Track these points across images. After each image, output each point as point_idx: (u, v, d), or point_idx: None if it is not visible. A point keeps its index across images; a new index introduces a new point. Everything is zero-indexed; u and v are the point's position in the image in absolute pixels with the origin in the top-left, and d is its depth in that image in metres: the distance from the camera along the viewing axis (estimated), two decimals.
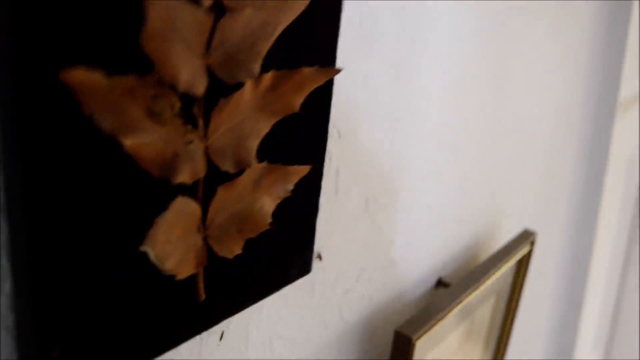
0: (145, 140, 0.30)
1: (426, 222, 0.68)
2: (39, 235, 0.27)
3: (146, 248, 0.30)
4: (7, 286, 0.30)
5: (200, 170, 0.33)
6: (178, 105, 0.31)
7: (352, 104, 0.51)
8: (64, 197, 0.28)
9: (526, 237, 0.83)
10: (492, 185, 0.82)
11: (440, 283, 0.74)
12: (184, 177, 0.32)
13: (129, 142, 0.29)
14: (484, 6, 0.66)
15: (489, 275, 0.73)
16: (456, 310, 0.67)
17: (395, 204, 0.61)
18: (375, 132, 0.55)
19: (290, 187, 0.41)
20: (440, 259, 0.74)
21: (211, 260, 0.36)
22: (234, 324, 0.44)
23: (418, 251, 0.68)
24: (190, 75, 0.30)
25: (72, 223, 0.28)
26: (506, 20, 0.72)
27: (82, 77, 0.26)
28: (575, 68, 0.97)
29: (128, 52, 0.28)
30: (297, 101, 0.38)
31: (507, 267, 0.78)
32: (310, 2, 0.37)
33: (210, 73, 0.32)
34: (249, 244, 0.39)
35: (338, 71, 0.39)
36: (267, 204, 0.39)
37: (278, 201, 0.40)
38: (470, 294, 0.69)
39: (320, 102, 0.41)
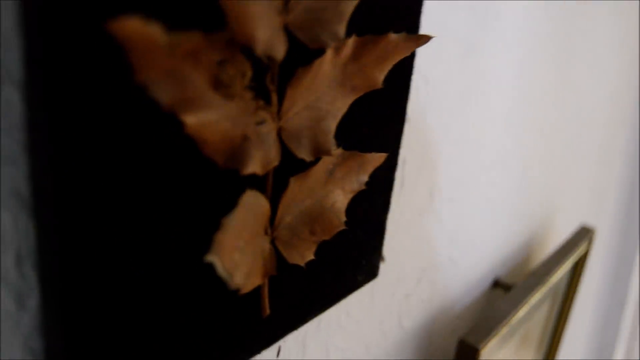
0: (210, 118, 0.23)
1: (487, 217, 0.61)
2: (74, 239, 0.21)
3: (212, 258, 0.24)
4: (33, 302, 0.24)
5: (274, 158, 0.26)
6: (249, 74, 0.24)
7: (422, 82, 0.44)
8: (106, 191, 0.21)
9: (584, 234, 0.76)
10: (550, 176, 0.75)
11: (497, 284, 0.67)
12: (254, 166, 0.25)
13: (191, 119, 0.22)
14: None
15: (550, 277, 0.66)
16: (519, 316, 0.60)
17: (459, 197, 0.54)
18: (444, 116, 0.48)
19: (365, 178, 0.34)
20: (497, 257, 0.67)
21: (280, 269, 0.29)
22: (291, 337, 0.38)
23: (477, 248, 0.61)
24: (269, 34, 0.24)
25: (117, 224, 0.22)
26: (568, 8, 0.65)
27: (137, 29, 0.19)
28: (632, 53, 0.89)
29: (197, 3, 0.21)
30: (381, 75, 0.31)
31: (566, 267, 0.71)
32: None
33: (289, 34, 0.25)
34: (320, 248, 0.32)
35: (429, 39, 0.32)
36: (340, 200, 0.33)
37: (351, 196, 0.34)
38: (532, 297, 0.62)
39: (401, 77, 0.34)
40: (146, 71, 0.20)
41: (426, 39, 0.33)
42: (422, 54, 0.43)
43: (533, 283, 0.63)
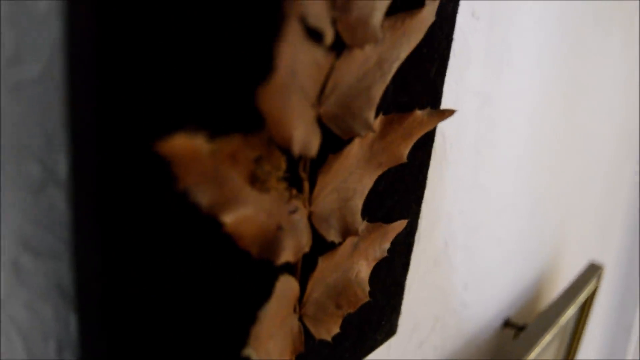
0: (247, 214, 0.24)
1: (498, 259, 0.62)
2: (117, 333, 0.21)
3: (250, 352, 0.24)
4: None
5: (306, 244, 0.27)
6: (284, 167, 0.25)
7: (440, 138, 0.45)
8: (148, 289, 0.21)
9: (593, 271, 0.76)
10: (558, 214, 0.75)
11: (507, 323, 0.68)
12: (288, 255, 0.26)
13: (229, 218, 0.23)
14: (563, 22, 0.59)
15: (560, 317, 0.66)
16: (530, 359, 0.61)
17: (472, 242, 0.55)
18: (459, 168, 0.48)
19: (387, 246, 0.35)
20: (507, 297, 0.68)
21: (307, 345, 0.30)
22: None
23: (488, 290, 0.62)
24: (304, 131, 0.24)
25: (157, 319, 0.22)
26: (583, 34, 0.65)
27: (182, 145, 0.20)
28: (636, 92, 0.90)
29: (236, 108, 0.22)
30: (406, 150, 0.32)
31: (576, 305, 0.71)
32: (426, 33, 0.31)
33: (322, 125, 0.26)
34: (344, 319, 0.32)
35: (452, 113, 0.33)
36: (364, 270, 0.33)
37: (374, 264, 0.34)
38: (543, 339, 0.62)
39: (423, 147, 0.35)
40: (188, 179, 0.21)
41: (450, 113, 0.33)
42: None
43: (544, 324, 0.63)
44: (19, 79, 0.21)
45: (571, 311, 0.70)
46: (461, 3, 0.44)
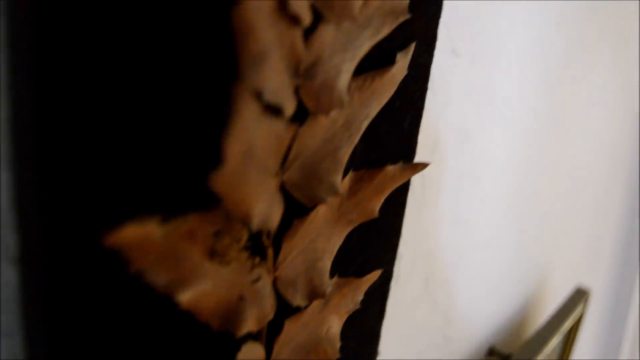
0: (205, 289, 0.23)
1: (482, 291, 0.61)
2: None
3: None
4: None
5: (269, 312, 0.26)
6: (245, 237, 0.24)
7: (418, 181, 0.44)
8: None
9: (580, 296, 0.76)
10: (545, 239, 0.75)
11: (492, 352, 0.67)
12: (250, 325, 0.25)
13: (186, 296, 0.22)
14: (548, 50, 0.59)
15: (545, 345, 0.66)
16: None
17: (455, 277, 0.54)
18: (440, 204, 0.48)
19: (361, 298, 0.34)
20: (492, 325, 0.67)
21: None
22: None
23: (472, 321, 0.61)
24: (265, 204, 0.24)
25: None
26: (569, 61, 0.65)
27: (133, 234, 0.19)
28: (631, 105, 0.90)
29: (190, 190, 0.21)
30: (377, 205, 0.31)
31: (562, 332, 0.71)
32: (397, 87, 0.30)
33: (285, 193, 0.25)
34: None
35: (425, 166, 0.32)
36: (335, 324, 0.33)
37: (346, 317, 0.33)
38: None
39: (397, 199, 0.34)
40: (140, 263, 0.20)
41: (423, 166, 0.33)
42: (419, 153, 0.43)
43: (529, 353, 0.63)
44: None
45: (557, 338, 0.69)
46: (441, 41, 0.43)
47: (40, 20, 0.16)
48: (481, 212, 0.55)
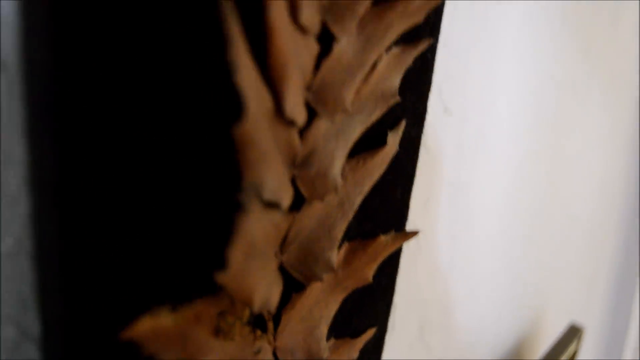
0: None
1: (477, 333, 0.63)
2: None
3: None
4: None
5: None
6: (247, 314, 0.26)
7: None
8: None
9: (573, 333, 0.77)
10: (538, 279, 0.76)
11: None
12: None
13: None
14: (540, 98, 0.61)
15: None
16: None
17: (450, 322, 0.56)
18: (434, 255, 0.50)
19: (355, 356, 0.36)
20: None
21: None
22: None
23: None
24: (265, 287, 0.26)
25: None
26: (560, 107, 0.67)
27: (147, 326, 0.21)
28: (622, 142, 0.92)
29: (197, 279, 0.23)
30: (371, 272, 0.33)
31: None
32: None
33: (284, 272, 0.27)
34: None
35: (416, 233, 0.34)
36: None
37: None
38: None
39: (390, 262, 0.36)
40: (152, 348, 0.22)
41: (414, 234, 0.35)
42: (412, 207, 0.45)
43: None
44: None
45: None
46: (433, 100, 0.46)
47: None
48: (475, 259, 0.57)
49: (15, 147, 0.22)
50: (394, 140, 0.32)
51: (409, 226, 0.45)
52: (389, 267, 0.37)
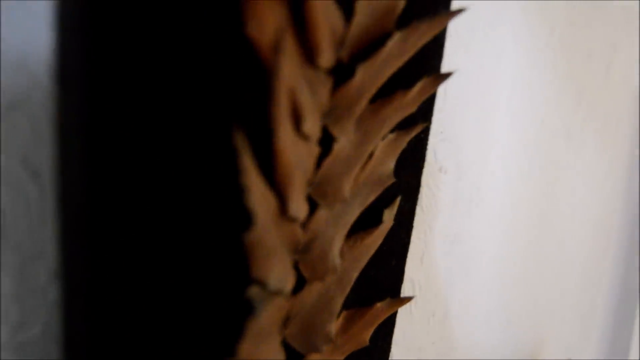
0: None
1: None
2: None
3: None
4: None
5: None
6: None
7: (408, 283, 0.49)
8: None
9: None
10: (535, 319, 0.79)
11: None
12: None
13: None
14: (533, 149, 0.64)
15: None
16: None
17: None
18: (430, 304, 0.52)
19: None
20: None
21: None
22: None
23: None
24: None
25: None
26: (554, 155, 0.70)
27: None
28: (618, 184, 0.94)
29: None
30: (368, 336, 0.36)
31: None
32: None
33: (286, 346, 0.30)
34: None
35: (410, 299, 0.37)
36: None
37: None
38: None
39: (386, 323, 0.39)
40: None
41: (408, 300, 0.37)
42: (408, 263, 0.47)
43: None
44: (22, 340, 0.25)
45: None
46: (428, 162, 0.48)
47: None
48: (472, 306, 0.59)
49: (47, 243, 0.25)
50: (389, 217, 0.34)
51: (405, 281, 0.48)
52: (385, 328, 0.39)
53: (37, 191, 0.24)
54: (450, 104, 0.48)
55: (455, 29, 0.47)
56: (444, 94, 0.46)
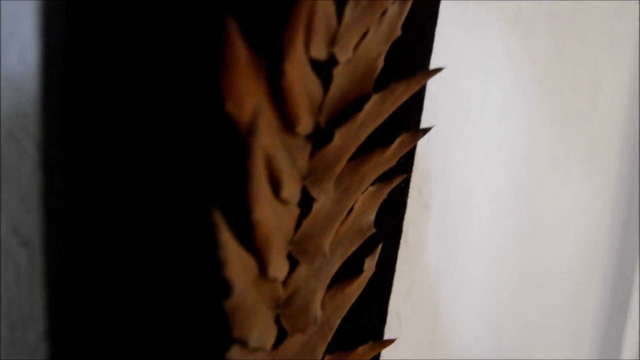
0: None
1: None
2: None
3: None
4: None
5: None
6: None
7: (394, 317, 0.50)
8: None
9: None
10: (524, 344, 0.79)
11: None
12: None
13: None
14: (519, 180, 0.65)
15: None
16: None
17: None
18: (416, 336, 0.53)
19: None
20: None
21: None
22: None
23: None
24: None
25: None
26: (540, 185, 0.71)
27: None
28: (606, 208, 0.96)
29: None
30: None
31: None
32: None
33: None
34: None
35: (392, 341, 0.38)
36: None
37: None
38: None
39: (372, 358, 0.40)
40: None
41: (390, 342, 0.38)
42: (394, 298, 0.48)
43: None
44: None
45: None
46: (414, 199, 0.50)
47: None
48: (457, 335, 0.60)
49: (36, 306, 0.26)
50: (370, 265, 0.35)
51: (391, 314, 0.49)
52: None
53: (27, 258, 0.25)
54: (434, 142, 0.49)
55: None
56: (428, 134, 0.48)
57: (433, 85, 0.49)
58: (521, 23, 0.59)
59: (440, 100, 0.49)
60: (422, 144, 0.48)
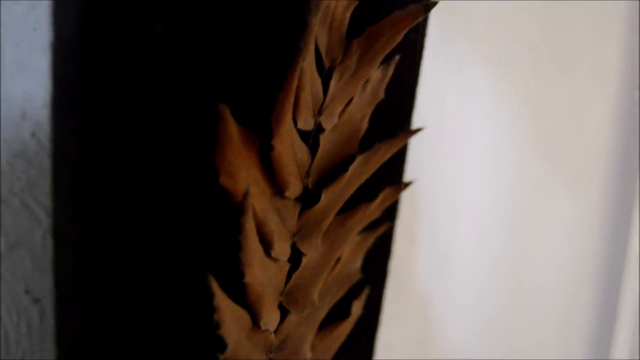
0: None
1: None
2: None
3: None
4: None
5: None
6: None
7: (386, 347, 0.52)
8: None
9: None
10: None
11: None
12: None
13: None
14: (506, 202, 0.67)
15: None
16: None
17: None
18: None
19: None
20: None
21: None
22: None
23: None
24: None
25: None
26: (526, 204, 0.73)
27: None
28: (593, 231, 0.98)
29: None
30: None
31: None
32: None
33: None
34: None
35: None
36: None
37: None
38: None
39: None
40: None
41: None
42: (383, 325, 0.51)
43: None
44: None
45: None
46: (402, 233, 0.52)
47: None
48: (446, 355, 0.63)
49: (46, 357, 0.28)
50: (358, 307, 0.38)
51: (379, 341, 0.51)
52: None
53: (38, 314, 0.27)
54: (419, 179, 0.51)
55: (423, 114, 0.50)
56: (415, 169, 0.50)
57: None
58: (505, 61, 0.62)
59: (425, 142, 0.51)
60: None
